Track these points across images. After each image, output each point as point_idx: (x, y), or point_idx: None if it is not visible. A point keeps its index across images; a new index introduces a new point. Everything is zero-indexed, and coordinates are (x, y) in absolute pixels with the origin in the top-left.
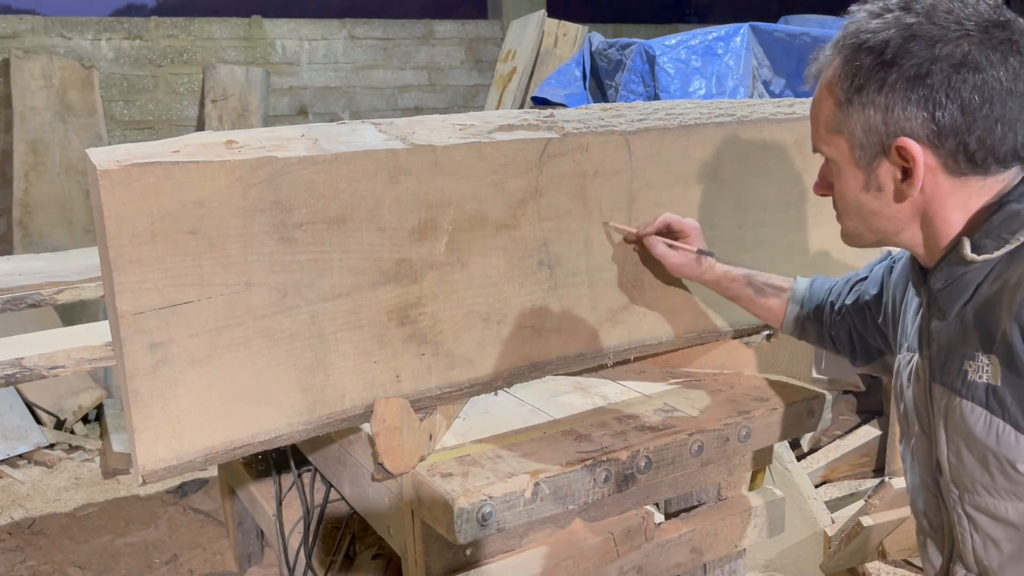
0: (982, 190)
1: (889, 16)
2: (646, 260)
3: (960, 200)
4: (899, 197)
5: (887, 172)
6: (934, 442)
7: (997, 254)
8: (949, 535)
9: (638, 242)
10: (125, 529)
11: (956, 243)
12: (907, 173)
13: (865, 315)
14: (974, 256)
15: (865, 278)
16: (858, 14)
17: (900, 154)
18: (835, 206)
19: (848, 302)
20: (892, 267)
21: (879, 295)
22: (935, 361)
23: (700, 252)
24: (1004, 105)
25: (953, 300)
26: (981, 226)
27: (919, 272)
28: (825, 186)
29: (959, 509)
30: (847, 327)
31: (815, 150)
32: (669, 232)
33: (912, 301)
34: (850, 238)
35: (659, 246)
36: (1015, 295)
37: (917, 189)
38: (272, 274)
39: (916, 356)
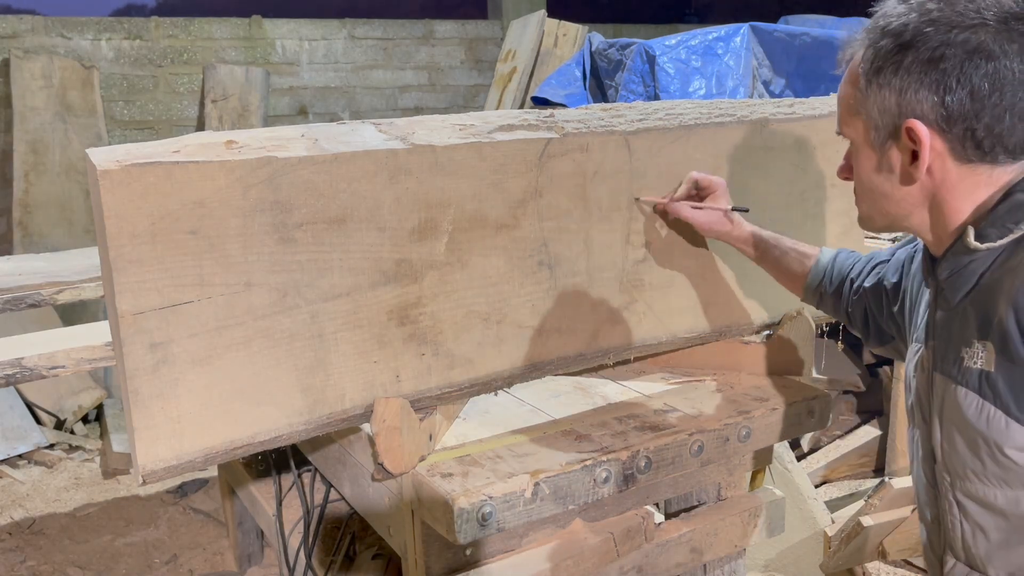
0: (990, 180)
1: (913, 2)
2: (646, 259)
3: (968, 188)
4: (907, 180)
5: (897, 154)
6: (931, 430)
7: (1001, 243)
8: (942, 524)
9: (665, 211)
10: (125, 529)
11: (962, 232)
12: (915, 156)
13: (882, 300)
14: (977, 244)
15: (887, 260)
16: (888, 1)
17: (909, 136)
18: (855, 190)
19: (867, 284)
20: (914, 256)
21: (898, 283)
22: (937, 350)
23: (734, 209)
24: (1015, 95)
25: (957, 289)
26: (987, 215)
27: (929, 262)
28: (848, 169)
29: (950, 496)
30: (863, 307)
31: (839, 133)
32: (696, 189)
33: (925, 294)
34: (863, 221)
35: (684, 210)
36: (1013, 281)
37: (923, 172)
38: (272, 274)
39: (922, 347)
